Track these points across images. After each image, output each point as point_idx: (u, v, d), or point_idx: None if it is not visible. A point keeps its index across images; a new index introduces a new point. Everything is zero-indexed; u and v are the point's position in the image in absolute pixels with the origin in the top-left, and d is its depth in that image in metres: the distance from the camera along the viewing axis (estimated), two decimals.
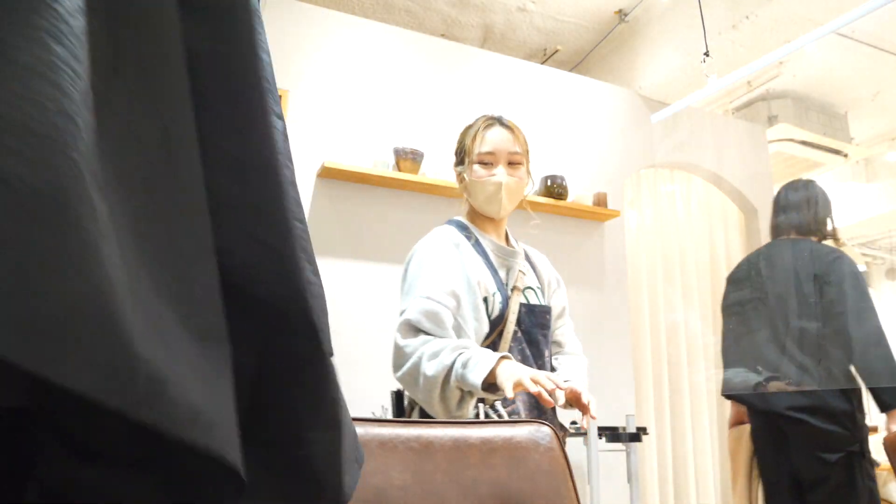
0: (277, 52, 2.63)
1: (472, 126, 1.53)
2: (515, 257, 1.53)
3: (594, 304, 3.12)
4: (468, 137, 1.51)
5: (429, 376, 1.23)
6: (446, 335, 1.30)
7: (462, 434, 0.82)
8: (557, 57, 4.03)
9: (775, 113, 4.26)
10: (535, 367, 1.40)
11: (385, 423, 0.79)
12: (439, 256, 1.43)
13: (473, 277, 1.41)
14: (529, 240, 1.75)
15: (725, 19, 3.13)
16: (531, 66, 3.35)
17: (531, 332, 1.45)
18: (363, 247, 2.72)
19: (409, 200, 2.84)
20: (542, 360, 1.46)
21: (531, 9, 3.59)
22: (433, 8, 3.61)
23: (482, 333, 1.39)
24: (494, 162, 1.47)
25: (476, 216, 1.56)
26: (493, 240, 1.53)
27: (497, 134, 1.48)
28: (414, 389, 1.29)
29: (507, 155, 1.47)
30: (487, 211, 1.52)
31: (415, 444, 0.78)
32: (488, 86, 3.18)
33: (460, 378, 1.21)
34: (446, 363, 1.22)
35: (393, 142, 2.86)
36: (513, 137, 1.49)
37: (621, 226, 3.36)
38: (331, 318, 1.41)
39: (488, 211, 1.51)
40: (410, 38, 3.08)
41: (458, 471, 0.78)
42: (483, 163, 1.47)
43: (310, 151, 2.72)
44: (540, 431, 0.87)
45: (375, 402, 2.59)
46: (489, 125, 1.49)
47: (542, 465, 0.83)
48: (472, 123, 1.53)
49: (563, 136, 3.27)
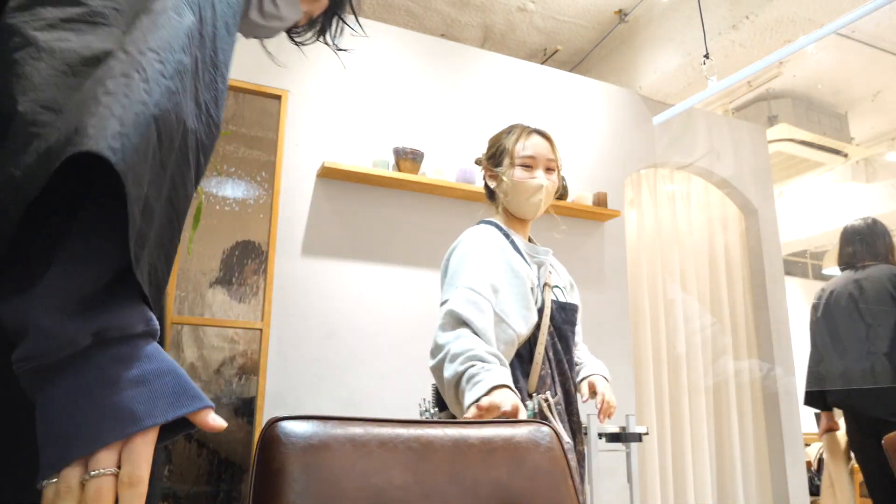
0: (277, 53, 2.62)
1: (510, 132, 1.62)
2: (546, 255, 1.59)
3: (594, 304, 3.12)
4: (509, 141, 1.60)
5: (445, 378, 1.30)
6: (487, 327, 1.35)
7: (462, 434, 0.82)
8: (557, 57, 4.03)
9: (775, 113, 4.26)
10: (563, 361, 1.49)
11: (385, 423, 0.79)
12: (482, 250, 1.48)
13: (520, 270, 1.48)
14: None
15: (725, 19, 3.13)
16: (531, 66, 3.35)
17: (562, 329, 1.52)
18: (363, 247, 2.72)
19: (408, 200, 2.84)
20: (570, 354, 1.53)
21: (531, 9, 3.60)
22: (433, 8, 3.61)
23: (532, 322, 1.44)
24: (535, 166, 1.56)
25: (508, 217, 1.62)
26: (522, 239, 1.60)
27: (537, 141, 1.59)
28: (440, 383, 1.35)
29: (546, 161, 1.57)
30: (525, 211, 1.58)
31: (415, 444, 0.78)
32: (488, 86, 3.18)
33: (461, 392, 1.26)
34: (458, 371, 1.27)
35: (393, 142, 2.86)
36: (550, 146, 1.61)
37: (621, 226, 3.36)
38: (331, 318, 1.45)
39: (526, 211, 1.58)
40: (410, 38, 3.09)
41: (458, 471, 0.78)
42: (525, 166, 1.56)
43: (310, 151, 2.72)
44: (540, 431, 0.87)
45: (373, 401, 2.59)
46: (530, 133, 1.61)
47: (542, 465, 0.83)
48: (510, 129, 1.63)
49: (564, 136, 3.28)
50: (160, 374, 0.49)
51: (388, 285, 2.72)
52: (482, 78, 3.18)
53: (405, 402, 2.60)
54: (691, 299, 3.65)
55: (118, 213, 0.49)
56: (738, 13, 3.07)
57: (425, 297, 2.76)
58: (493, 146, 1.64)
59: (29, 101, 0.51)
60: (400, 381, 2.63)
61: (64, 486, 0.44)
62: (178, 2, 0.60)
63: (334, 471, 0.72)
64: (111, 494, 0.45)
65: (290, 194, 2.65)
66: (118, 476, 0.45)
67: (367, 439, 0.76)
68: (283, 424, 0.74)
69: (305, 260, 2.61)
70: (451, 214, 2.91)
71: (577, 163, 3.28)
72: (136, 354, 0.49)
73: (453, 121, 3.05)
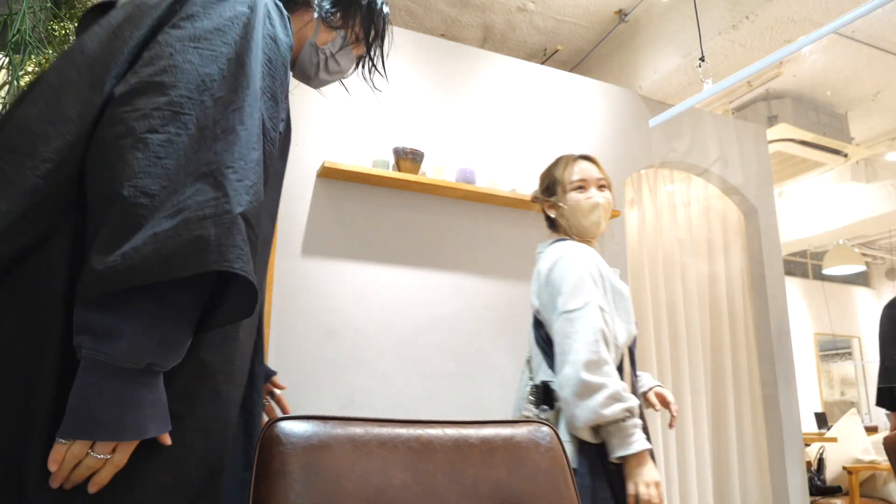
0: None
1: (557, 163, 1.73)
2: (616, 274, 1.66)
3: None
4: (557, 171, 1.71)
5: (606, 414, 1.37)
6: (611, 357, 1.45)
7: (462, 434, 0.82)
8: (557, 57, 4.03)
9: (775, 113, 4.26)
10: (634, 374, 1.58)
11: (385, 423, 0.79)
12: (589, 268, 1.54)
13: (619, 286, 1.58)
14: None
15: (725, 19, 3.13)
16: (531, 66, 3.35)
17: (632, 346, 1.60)
18: (363, 247, 2.72)
19: (408, 200, 2.84)
20: (634, 367, 1.61)
21: (531, 9, 3.60)
22: (433, 8, 3.61)
23: (632, 335, 1.55)
24: (587, 187, 1.66)
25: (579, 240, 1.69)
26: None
27: (584, 165, 1.70)
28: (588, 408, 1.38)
29: (596, 181, 1.67)
30: (587, 230, 1.66)
31: (415, 444, 0.78)
32: (488, 86, 3.18)
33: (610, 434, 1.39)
34: (618, 414, 1.37)
35: (393, 142, 2.86)
36: (597, 167, 1.71)
37: (621, 226, 3.36)
38: (331, 318, 1.49)
39: (590, 229, 1.66)
40: (410, 38, 3.08)
41: (458, 471, 0.78)
42: (578, 188, 1.66)
43: (310, 151, 2.72)
44: (540, 431, 0.87)
45: (373, 401, 2.59)
46: (575, 159, 1.71)
47: (542, 465, 0.83)
48: (556, 161, 1.75)
49: (563, 136, 3.28)
50: (160, 403, 0.72)
51: (389, 285, 2.72)
52: (482, 78, 3.18)
53: (405, 402, 2.60)
54: (691, 299, 3.65)
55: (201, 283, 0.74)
56: (738, 13, 3.07)
57: (426, 297, 2.76)
58: (544, 180, 1.75)
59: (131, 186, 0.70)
60: (400, 381, 2.63)
61: (72, 452, 0.68)
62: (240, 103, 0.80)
63: (334, 471, 0.72)
64: (103, 471, 0.70)
65: (290, 194, 2.64)
66: (109, 459, 0.70)
67: (367, 439, 0.76)
68: (283, 424, 0.74)
69: (305, 260, 2.61)
70: (451, 214, 2.91)
71: None
72: (156, 384, 0.72)
73: (453, 121, 3.05)
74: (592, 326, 1.42)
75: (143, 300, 0.69)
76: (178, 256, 0.67)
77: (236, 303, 0.76)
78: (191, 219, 0.69)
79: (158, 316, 0.70)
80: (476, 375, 2.76)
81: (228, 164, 0.74)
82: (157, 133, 0.73)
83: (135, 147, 0.72)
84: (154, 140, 0.72)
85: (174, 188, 0.71)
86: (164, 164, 0.71)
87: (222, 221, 0.70)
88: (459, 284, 2.84)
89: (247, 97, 0.80)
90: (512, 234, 2.97)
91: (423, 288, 2.78)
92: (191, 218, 0.69)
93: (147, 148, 0.72)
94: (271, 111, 0.86)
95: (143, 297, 0.69)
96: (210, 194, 0.71)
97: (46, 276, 0.72)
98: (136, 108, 0.74)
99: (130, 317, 0.68)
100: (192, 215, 0.69)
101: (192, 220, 0.69)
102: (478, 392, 2.75)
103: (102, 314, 0.68)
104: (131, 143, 0.72)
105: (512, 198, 2.87)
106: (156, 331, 0.70)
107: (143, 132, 0.73)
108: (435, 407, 2.65)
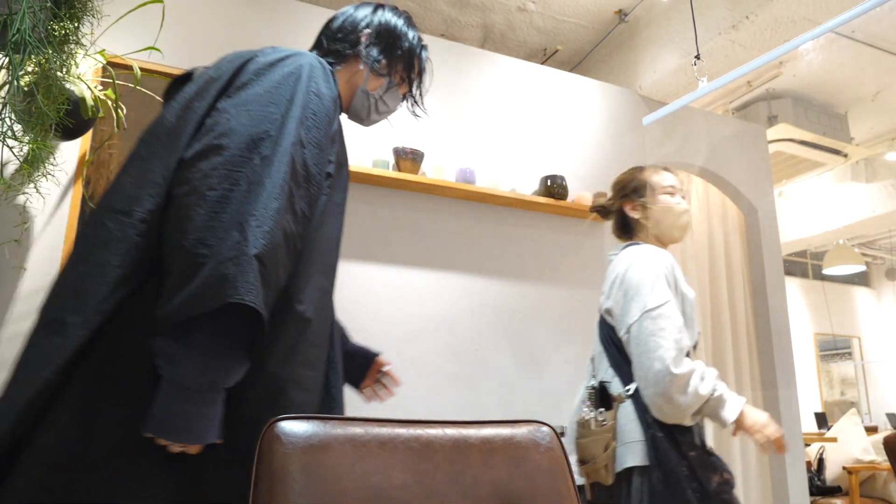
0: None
1: (642, 169, 1.75)
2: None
3: (595, 304, 3.12)
4: (645, 175, 1.73)
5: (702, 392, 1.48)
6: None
7: (462, 434, 0.82)
8: (557, 57, 4.03)
9: (775, 113, 4.26)
10: None
11: (385, 423, 0.79)
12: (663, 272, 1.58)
13: (687, 292, 1.62)
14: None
15: (725, 19, 3.13)
16: (531, 66, 3.35)
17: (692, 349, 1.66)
18: (363, 247, 2.72)
19: (408, 200, 2.84)
20: None
21: (531, 9, 3.60)
22: (433, 8, 3.61)
23: (695, 339, 1.63)
24: (675, 193, 1.70)
25: (657, 244, 1.71)
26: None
27: (669, 174, 1.74)
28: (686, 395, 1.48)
29: (681, 190, 1.72)
30: (674, 234, 1.70)
31: (415, 444, 0.78)
32: (488, 86, 3.18)
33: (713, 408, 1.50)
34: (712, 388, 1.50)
35: (393, 142, 2.86)
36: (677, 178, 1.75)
37: None
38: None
39: (675, 235, 1.70)
40: None
41: (458, 471, 0.78)
42: (669, 192, 1.69)
43: None
44: (540, 431, 0.87)
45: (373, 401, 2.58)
46: (657, 168, 1.75)
47: (542, 465, 0.83)
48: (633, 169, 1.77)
49: (563, 136, 3.28)
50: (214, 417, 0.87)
51: (389, 285, 2.72)
52: (482, 78, 3.18)
53: (405, 402, 2.60)
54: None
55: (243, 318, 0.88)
56: (737, 13, 3.07)
57: (426, 297, 2.76)
58: (628, 182, 1.75)
59: (192, 238, 0.85)
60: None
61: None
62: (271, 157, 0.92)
63: (334, 471, 0.72)
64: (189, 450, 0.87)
65: None
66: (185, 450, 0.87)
67: (367, 439, 0.76)
68: (283, 424, 0.74)
69: None
70: (451, 214, 2.91)
71: (576, 163, 3.27)
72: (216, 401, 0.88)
73: (453, 121, 3.05)
74: (675, 324, 1.50)
75: (199, 330, 0.84)
76: (208, 292, 0.82)
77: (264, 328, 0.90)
78: (220, 261, 0.84)
79: (213, 342, 0.85)
80: (476, 375, 2.76)
81: (252, 213, 0.87)
82: (214, 190, 0.88)
83: (197, 204, 0.87)
84: (212, 197, 0.88)
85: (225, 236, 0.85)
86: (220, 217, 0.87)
87: (240, 262, 0.84)
88: (459, 284, 2.84)
89: (276, 153, 0.92)
90: (512, 234, 2.97)
91: (423, 288, 2.78)
92: (220, 260, 0.84)
93: (206, 204, 0.87)
94: (316, 157, 1.00)
95: (199, 327, 0.84)
96: (236, 239, 0.85)
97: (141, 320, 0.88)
98: (199, 169, 0.90)
99: (190, 345, 0.84)
100: (222, 258, 0.84)
101: (221, 262, 0.83)
102: (478, 392, 2.75)
103: (170, 343, 0.84)
104: (195, 200, 0.87)
105: (512, 198, 2.87)
106: (212, 354, 0.85)
107: (204, 190, 0.88)
108: (435, 407, 2.65)
